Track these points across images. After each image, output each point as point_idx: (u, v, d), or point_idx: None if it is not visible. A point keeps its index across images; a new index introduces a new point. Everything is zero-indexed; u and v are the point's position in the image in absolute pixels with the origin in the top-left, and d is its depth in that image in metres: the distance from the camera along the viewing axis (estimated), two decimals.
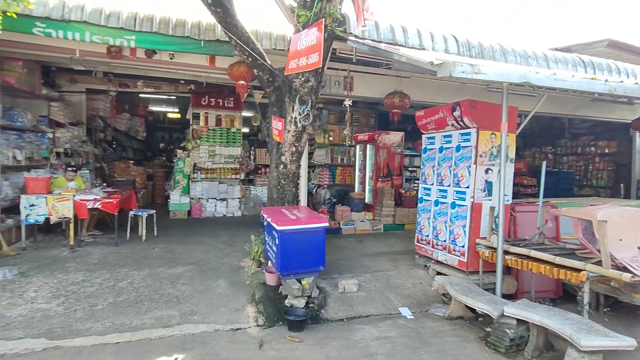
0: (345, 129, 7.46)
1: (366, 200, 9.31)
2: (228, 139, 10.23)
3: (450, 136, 5.55)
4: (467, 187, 5.17)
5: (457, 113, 5.18)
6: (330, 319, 4.50)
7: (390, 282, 5.48)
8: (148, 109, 13.39)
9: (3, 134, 6.26)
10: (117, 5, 5.81)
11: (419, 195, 6.25)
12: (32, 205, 6.04)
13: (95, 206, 6.29)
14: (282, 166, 5.70)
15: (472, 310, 4.49)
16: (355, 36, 5.45)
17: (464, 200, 5.22)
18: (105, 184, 8.53)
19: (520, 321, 3.79)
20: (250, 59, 5.48)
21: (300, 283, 4.57)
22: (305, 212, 5.29)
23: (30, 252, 5.95)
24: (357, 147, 10.24)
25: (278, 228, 4.51)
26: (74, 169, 7.02)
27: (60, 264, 5.46)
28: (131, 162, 12.03)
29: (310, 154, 9.99)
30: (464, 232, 5.19)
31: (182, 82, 9.05)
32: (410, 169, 11.04)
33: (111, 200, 6.39)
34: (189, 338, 3.86)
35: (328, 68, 6.72)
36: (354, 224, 8.39)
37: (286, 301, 4.54)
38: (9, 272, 4.92)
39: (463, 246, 5.20)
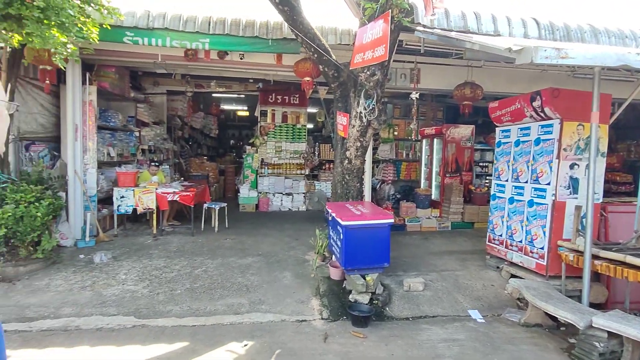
0: (411, 123, 7.24)
1: (432, 197, 8.98)
2: (294, 135, 10.48)
3: (528, 129, 5.12)
4: (548, 184, 4.73)
5: (537, 103, 4.75)
6: (395, 316, 4.42)
7: (459, 282, 5.23)
8: (220, 107, 14.20)
9: (100, 134, 7.04)
10: (194, 11, 6.22)
11: (492, 192, 5.87)
12: (122, 196, 6.74)
13: (174, 198, 6.84)
14: (346, 161, 5.70)
15: (553, 318, 4.12)
16: (424, 26, 5.24)
17: (544, 198, 4.79)
18: (182, 179, 9.23)
19: (611, 334, 3.39)
20: (315, 55, 5.53)
21: (365, 279, 4.54)
22: (370, 207, 5.24)
23: (120, 239, 6.65)
24: (424, 141, 9.89)
25: (343, 223, 4.52)
26: (157, 164, 7.68)
27: (145, 251, 6.02)
28: (205, 158, 12.87)
29: (375, 149, 9.87)
30: (544, 232, 4.76)
31: (251, 80, 9.45)
32: (481, 164, 10.40)
33: (188, 194, 6.89)
34: (257, 326, 4.03)
35: (394, 61, 6.55)
36: (419, 221, 8.14)
37: (350, 296, 4.54)
38: (105, 256, 5.55)
39: (542, 248, 4.78)
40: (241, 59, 6.93)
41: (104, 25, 5.30)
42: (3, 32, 4.19)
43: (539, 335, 4.06)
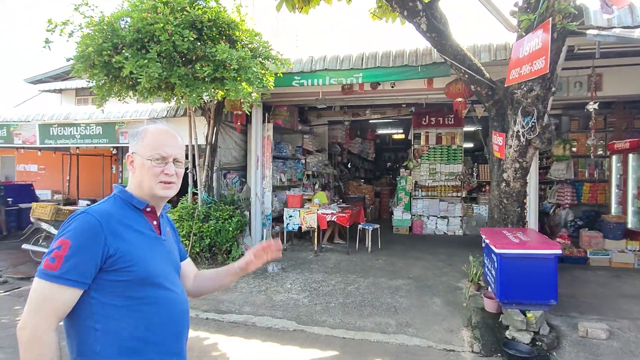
0: (590, 138, 6.16)
1: (629, 225, 7.27)
2: (449, 156, 10.16)
3: None
4: None
5: None
6: None
7: None
8: (375, 132, 14.89)
9: (274, 162, 8.41)
10: (348, 50, 6.91)
11: None
12: (291, 216, 7.81)
13: (332, 219, 7.54)
14: (504, 184, 5.27)
15: None
16: (598, 27, 4.53)
17: None
18: (341, 200, 10.04)
19: None
20: (466, 76, 5.39)
21: (525, 315, 4.08)
22: (532, 235, 4.69)
23: (288, 253, 7.68)
24: (614, 157, 8.17)
25: (497, 251, 4.20)
26: (330, 186, 8.60)
27: (307, 265, 6.81)
28: (362, 180, 13.63)
29: (546, 168, 8.70)
30: None
31: (404, 105, 9.68)
32: None
33: (344, 215, 7.50)
34: (403, 348, 4.09)
35: (565, 69, 5.82)
36: (608, 255, 6.71)
37: (507, 332, 4.14)
38: (276, 267, 6.53)
39: None
40: (392, 87, 7.28)
41: (278, 74, 6.43)
42: (212, 90, 5.59)
43: None
